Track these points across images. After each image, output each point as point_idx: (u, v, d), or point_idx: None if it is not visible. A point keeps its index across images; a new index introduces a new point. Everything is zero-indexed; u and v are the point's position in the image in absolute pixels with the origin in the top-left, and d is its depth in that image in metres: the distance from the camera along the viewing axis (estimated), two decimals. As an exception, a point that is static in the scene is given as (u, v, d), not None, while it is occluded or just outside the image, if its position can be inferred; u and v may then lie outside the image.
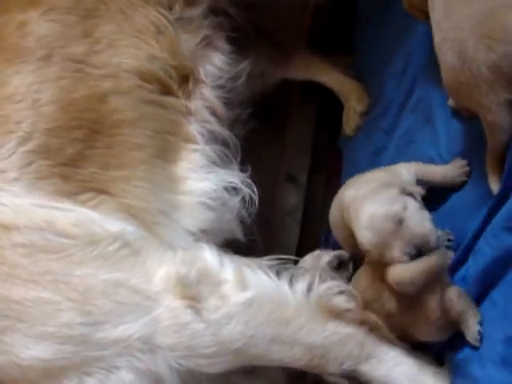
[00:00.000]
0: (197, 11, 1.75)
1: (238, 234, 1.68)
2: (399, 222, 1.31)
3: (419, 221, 1.32)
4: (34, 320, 1.24)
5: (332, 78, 2.06)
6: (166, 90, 1.64)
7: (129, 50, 1.59)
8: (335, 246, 1.66)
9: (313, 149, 2.14)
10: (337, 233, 1.55)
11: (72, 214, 1.37)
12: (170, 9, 1.71)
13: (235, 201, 1.66)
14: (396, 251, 1.31)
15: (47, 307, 1.25)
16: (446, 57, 1.19)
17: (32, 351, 1.23)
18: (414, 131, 1.64)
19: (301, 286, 1.42)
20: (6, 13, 1.58)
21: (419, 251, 1.30)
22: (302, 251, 1.82)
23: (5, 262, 1.27)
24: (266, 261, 1.48)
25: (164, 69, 1.63)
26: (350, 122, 1.99)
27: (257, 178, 1.72)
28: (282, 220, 2.05)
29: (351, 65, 2.08)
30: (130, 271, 1.33)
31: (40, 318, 1.24)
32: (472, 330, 1.27)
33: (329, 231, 1.70)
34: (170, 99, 1.64)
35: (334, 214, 1.53)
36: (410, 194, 1.37)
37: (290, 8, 2.06)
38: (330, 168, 2.04)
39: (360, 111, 1.97)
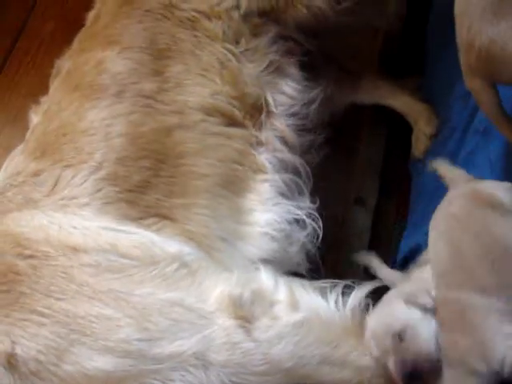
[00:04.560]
0: (263, 41, 1.78)
1: (302, 267, 1.66)
2: (399, 338, 1.28)
3: (420, 339, 1.26)
4: (98, 334, 1.33)
5: (400, 101, 2.06)
6: (231, 122, 1.69)
7: (194, 88, 1.67)
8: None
9: (383, 173, 2.13)
10: None
11: (134, 237, 1.45)
12: (237, 43, 1.76)
13: (300, 234, 1.66)
14: (392, 368, 1.29)
15: (109, 323, 1.34)
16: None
17: (96, 363, 1.32)
18: (476, 154, 1.62)
19: (354, 307, 1.44)
20: (88, 52, 1.73)
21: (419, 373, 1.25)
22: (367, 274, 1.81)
23: (73, 281, 1.37)
24: (321, 283, 1.51)
25: (227, 101, 1.69)
26: (419, 144, 1.98)
27: (326, 201, 1.71)
28: (349, 242, 2.04)
29: (420, 87, 2.07)
30: (187, 291, 1.40)
31: (102, 332, 1.33)
32: None
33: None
34: (235, 130, 1.69)
35: None
36: (418, 305, 1.31)
37: (359, 34, 2.07)
38: (400, 192, 2.04)
39: (429, 133, 1.96)
